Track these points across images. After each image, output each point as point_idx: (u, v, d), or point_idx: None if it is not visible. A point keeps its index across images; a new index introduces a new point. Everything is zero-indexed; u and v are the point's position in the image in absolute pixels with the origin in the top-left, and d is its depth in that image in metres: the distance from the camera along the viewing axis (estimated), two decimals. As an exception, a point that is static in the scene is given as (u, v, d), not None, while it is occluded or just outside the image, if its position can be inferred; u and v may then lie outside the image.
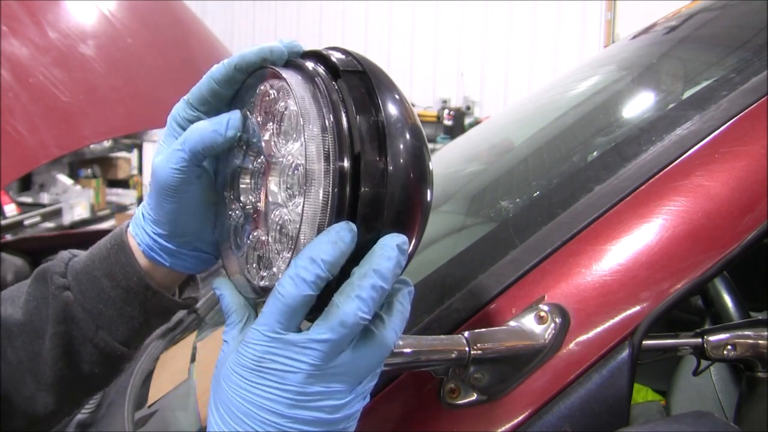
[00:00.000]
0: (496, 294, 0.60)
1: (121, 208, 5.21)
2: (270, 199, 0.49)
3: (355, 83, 0.47)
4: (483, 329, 0.56)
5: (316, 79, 0.46)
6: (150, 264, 0.56)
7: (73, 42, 1.74)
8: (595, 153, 0.82)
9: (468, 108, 6.38)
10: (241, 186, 0.52)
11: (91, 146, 4.66)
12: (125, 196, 5.40)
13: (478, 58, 6.52)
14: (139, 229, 0.56)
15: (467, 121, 6.26)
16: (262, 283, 0.48)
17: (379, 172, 0.44)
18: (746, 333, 0.64)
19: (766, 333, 0.64)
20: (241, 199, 0.52)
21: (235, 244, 0.53)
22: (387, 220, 0.45)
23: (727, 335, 0.64)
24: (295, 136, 0.47)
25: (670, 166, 0.64)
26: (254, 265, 0.50)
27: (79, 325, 0.57)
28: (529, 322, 0.58)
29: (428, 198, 0.47)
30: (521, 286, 0.60)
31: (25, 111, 1.58)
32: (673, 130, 0.68)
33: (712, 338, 0.64)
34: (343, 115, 0.45)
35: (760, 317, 0.72)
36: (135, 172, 5.64)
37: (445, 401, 0.57)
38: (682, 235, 0.59)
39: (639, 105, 0.97)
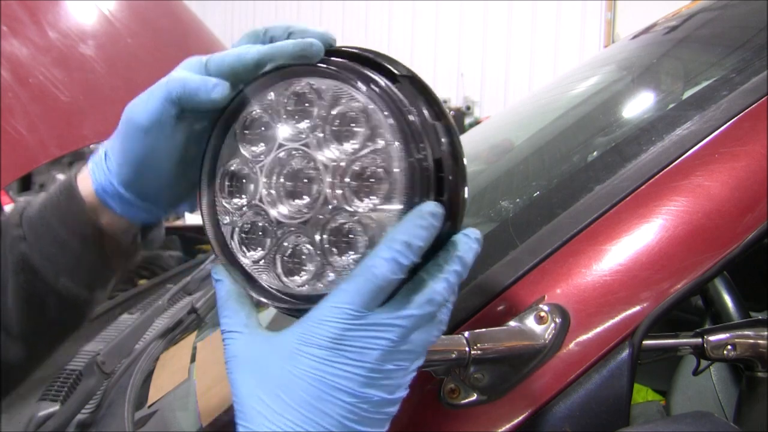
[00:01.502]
0: (496, 294, 0.60)
1: (121, 208, 5.21)
2: (330, 203, 0.48)
3: (409, 88, 0.48)
4: (483, 329, 0.56)
5: (380, 82, 0.47)
6: (102, 205, 0.56)
7: (73, 42, 1.74)
8: (595, 153, 0.82)
9: (468, 108, 6.38)
10: (270, 190, 0.51)
11: (91, 146, 4.66)
12: (125, 196, 5.40)
13: (478, 58, 6.51)
14: (98, 168, 0.55)
15: (467, 121, 6.26)
16: (301, 289, 0.48)
17: (454, 176, 0.46)
18: (746, 333, 0.64)
19: (766, 333, 0.64)
20: (262, 201, 0.51)
21: (244, 248, 0.51)
22: (458, 221, 0.47)
23: (727, 335, 0.64)
24: (371, 141, 0.47)
25: (670, 166, 0.64)
26: (282, 269, 0.49)
27: (39, 274, 0.56)
28: (529, 322, 0.58)
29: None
30: (521, 286, 0.60)
31: (25, 111, 1.58)
32: (673, 130, 0.68)
33: (712, 338, 0.64)
34: (417, 119, 0.46)
35: (760, 317, 0.72)
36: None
37: (445, 401, 0.57)
38: (682, 236, 0.59)
39: (639, 105, 0.97)
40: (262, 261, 0.50)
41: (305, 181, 0.49)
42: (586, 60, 1.61)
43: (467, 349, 0.54)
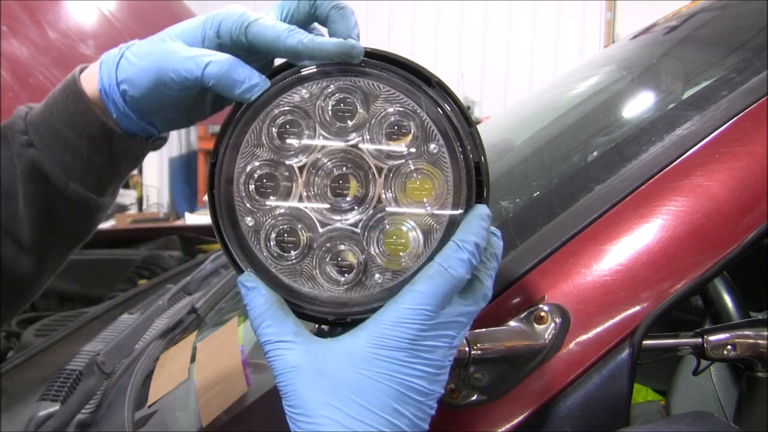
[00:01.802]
0: (496, 294, 0.60)
1: (121, 208, 5.21)
2: (381, 205, 0.49)
3: (442, 93, 0.49)
4: (483, 329, 0.56)
5: (424, 87, 0.48)
6: (104, 106, 0.55)
7: (73, 42, 1.74)
8: (595, 153, 0.82)
9: (468, 108, 6.37)
10: (311, 191, 0.49)
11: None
12: (125, 196, 5.40)
13: (478, 58, 6.51)
14: (108, 71, 0.54)
15: (467, 121, 6.24)
16: (349, 295, 0.48)
17: (487, 178, 0.48)
18: (746, 333, 0.64)
19: (766, 333, 0.64)
20: (302, 202, 0.49)
21: (276, 252, 0.49)
22: None
23: (727, 335, 0.64)
24: (423, 144, 0.48)
25: (670, 166, 0.64)
26: (323, 272, 0.49)
27: (48, 180, 0.56)
28: (529, 322, 0.58)
29: None
30: (521, 286, 0.60)
31: (25, 111, 1.57)
32: (673, 130, 0.68)
33: (712, 338, 0.64)
34: (460, 124, 0.48)
35: (760, 317, 0.72)
36: (135, 172, 5.63)
37: (445, 401, 0.57)
38: (682, 236, 0.59)
39: (639, 105, 0.97)
40: (296, 265, 0.49)
41: (351, 181, 0.49)
42: (586, 60, 1.61)
43: (467, 349, 0.54)
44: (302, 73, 0.49)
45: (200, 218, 3.98)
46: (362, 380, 0.43)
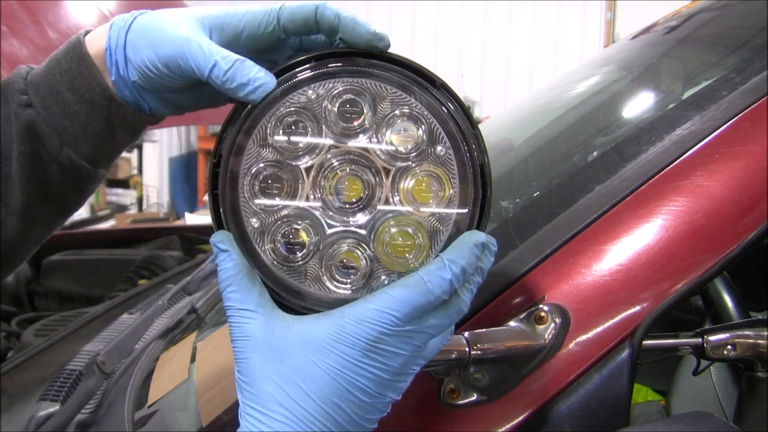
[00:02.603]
0: (496, 294, 0.60)
1: (121, 208, 5.21)
2: (388, 206, 0.49)
3: (446, 95, 0.49)
4: (483, 329, 0.57)
5: (431, 89, 0.48)
6: (107, 67, 0.55)
7: (73, 42, 1.73)
8: (595, 153, 0.82)
9: (468, 108, 6.37)
10: (318, 193, 0.49)
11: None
12: (125, 196, 5.40)
13: (478, 58, 6.50)
14: (117, 30, 0.53)
15: (467, 121, 6.23)
16: (346, 293, 0.48)
17: (490, 180, 0.49)
18: (746, 333, 0.64)
19: (766, 333, 0.64)
20: (309, 203, 0.49)
21: (281, 253, 0.49)
22: (487, 223, 0.50)
23: (727, 335, 0.64)
24: (430, 147, 0.48)
25: (670, 166, 0.64)
26: (328, 273, 0.49)
27: (43, 142, 0.55)
28: (529, 322, 0.58)
29: None
30: (521, 286, 0.60)
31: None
32: (673, 130, 0.68)
33: (712, 338, 0.64)
34: (465, 126, 0.48)
35: (760, 317, 0.72)
36: (135, 172, 5.63)
37: (445, 401, 0.57)
38: (682, 236, 0.59)
39: (639, 105, 0.97)
40: (302, 266, 0.49)
41: (358, 183, 0.49)
42: (586, 60, 1.61)
43: (467, 349, 0.54)
44: (308, 74, 0.48)
45: (200, 218, 3.98)
46: (310, 367, 0.43)
